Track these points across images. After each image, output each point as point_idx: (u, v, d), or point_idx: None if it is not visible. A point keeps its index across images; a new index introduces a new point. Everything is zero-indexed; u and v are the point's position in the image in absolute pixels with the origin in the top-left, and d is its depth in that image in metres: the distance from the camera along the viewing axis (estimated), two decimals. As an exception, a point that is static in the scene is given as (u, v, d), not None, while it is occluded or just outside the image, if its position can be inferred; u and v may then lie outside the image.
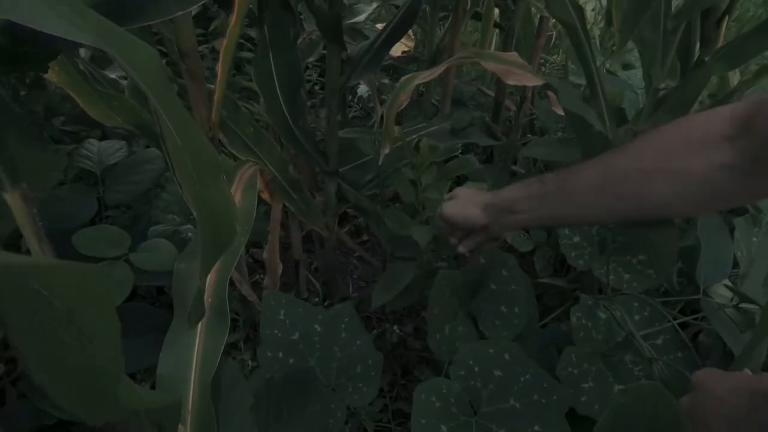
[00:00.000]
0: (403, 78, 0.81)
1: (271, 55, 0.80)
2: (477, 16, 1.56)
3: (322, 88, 1.97)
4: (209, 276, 0.65)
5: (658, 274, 1.02)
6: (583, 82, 1.71)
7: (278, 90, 0.84)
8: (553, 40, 2.04)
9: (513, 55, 0.85)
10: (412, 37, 2.03)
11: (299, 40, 1.06)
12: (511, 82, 0.81)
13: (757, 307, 0.86)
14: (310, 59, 1.78)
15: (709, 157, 0.54)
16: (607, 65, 1.74)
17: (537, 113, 1.61)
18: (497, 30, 1.73)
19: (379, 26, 1.88)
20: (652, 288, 1.10)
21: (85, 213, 1.09)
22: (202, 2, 0.52)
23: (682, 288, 1.20)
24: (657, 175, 0.57)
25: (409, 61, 1.81)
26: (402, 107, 0.80)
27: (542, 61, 1.96)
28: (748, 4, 3.65)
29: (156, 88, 0.40)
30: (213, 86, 0.82)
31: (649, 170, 0.58)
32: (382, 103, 1.44)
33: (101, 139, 1.28)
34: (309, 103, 1.90)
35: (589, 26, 2.12)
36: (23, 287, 0.29)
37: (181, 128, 0.41)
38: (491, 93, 1.63)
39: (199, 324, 0.63)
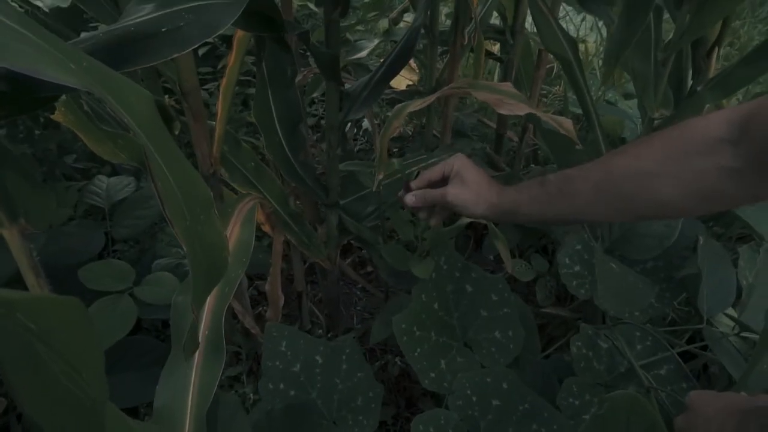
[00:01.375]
0: (397, 107, 0.83)
1: (269, 92, 0.83)
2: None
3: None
4: (206, 309, 0.67)
5: (660, 303, 1.01)
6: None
7: (277, 126, 0.87)
8: (554, 72, 2.07)
9: (507, 85, 0.87)
10: (417, 70, 2.07)
11: (300, 77, 1.09)
12: (503, 111, 0.82)
13: (758, 335, 0.85)
14: (315, 94, 1.82)
15: (706, 160, 0.55)
16: (609, 95, 1.77)
17: (539, 143, 1.63)
18: (498, 63, 1.76)
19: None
20: (657, 317, 1.09)
21: (93, 248, 1.12)
22: (194, 47, 0.54)
23: (689, 317, 1.19)
24: (655, 178, 0.58)
25: (412, 94, 1.84)
26: (395, 134, 0.81)
27: (543, 92, 1.98)
28: (753, 33, 3.69)
29: (147, 128, 0.42)
30: (215, 123, 0.85)
31: (647, 172, 0.59)
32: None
33: (111, 175, 1.31)
34: (314, 137, 1.94)
35: (590, 57, 2.15)
36: (12, 320, 0.30)
37: (173, 166, 0.43)
38: (492, 124, 1.65)
39: (196, 356, 0.63)
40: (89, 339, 0.31)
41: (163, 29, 0.53)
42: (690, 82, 0.90)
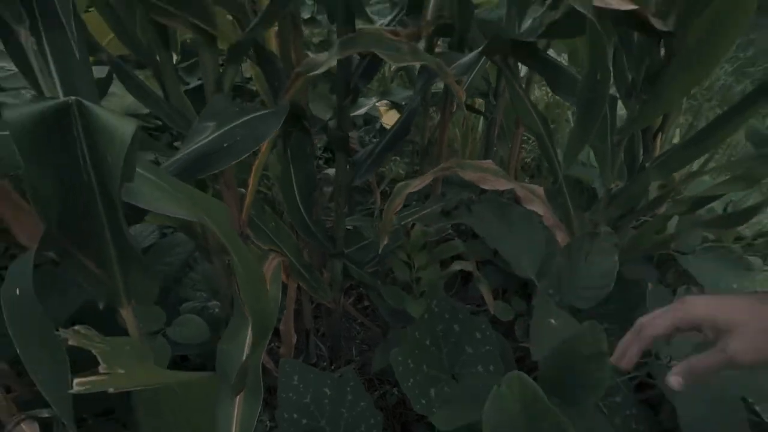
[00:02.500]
0: (398, 185, 0.99)
1: (292, 169, 0.99)
2: (469, 108, 1.75)
3: (329, 151, 2.16)
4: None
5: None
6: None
7: (296, 194, 1.03)
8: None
9: (488, 163, 1.04)
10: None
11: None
12: (486, 187, 0.99)
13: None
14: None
15: None
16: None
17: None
18: (482, 117, 1.95)
19: (379, 104, 2.09)
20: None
21: (124, 290, 1.26)
22: (247, 155, 0.70)
23: (649, 351, 1.36)
24: None
25: (407, 141, 2.01)
26: (397, 210, 0.98)
27: (525, 137, 2.17)
28: (719, 73, 3.94)
29: (226, 233, 0.58)
30: (244, 190, 1.01)
31: None
32: (378, 184, 1.64)
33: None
34: (318, 176, 2.09)
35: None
36: (170, 394, 0.46)
37: (244, 261, 0.59)
38: (478, 172, 1.82)
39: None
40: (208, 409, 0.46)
41: (225, 145, 0.69)
42: (641, 159, 1.09)
